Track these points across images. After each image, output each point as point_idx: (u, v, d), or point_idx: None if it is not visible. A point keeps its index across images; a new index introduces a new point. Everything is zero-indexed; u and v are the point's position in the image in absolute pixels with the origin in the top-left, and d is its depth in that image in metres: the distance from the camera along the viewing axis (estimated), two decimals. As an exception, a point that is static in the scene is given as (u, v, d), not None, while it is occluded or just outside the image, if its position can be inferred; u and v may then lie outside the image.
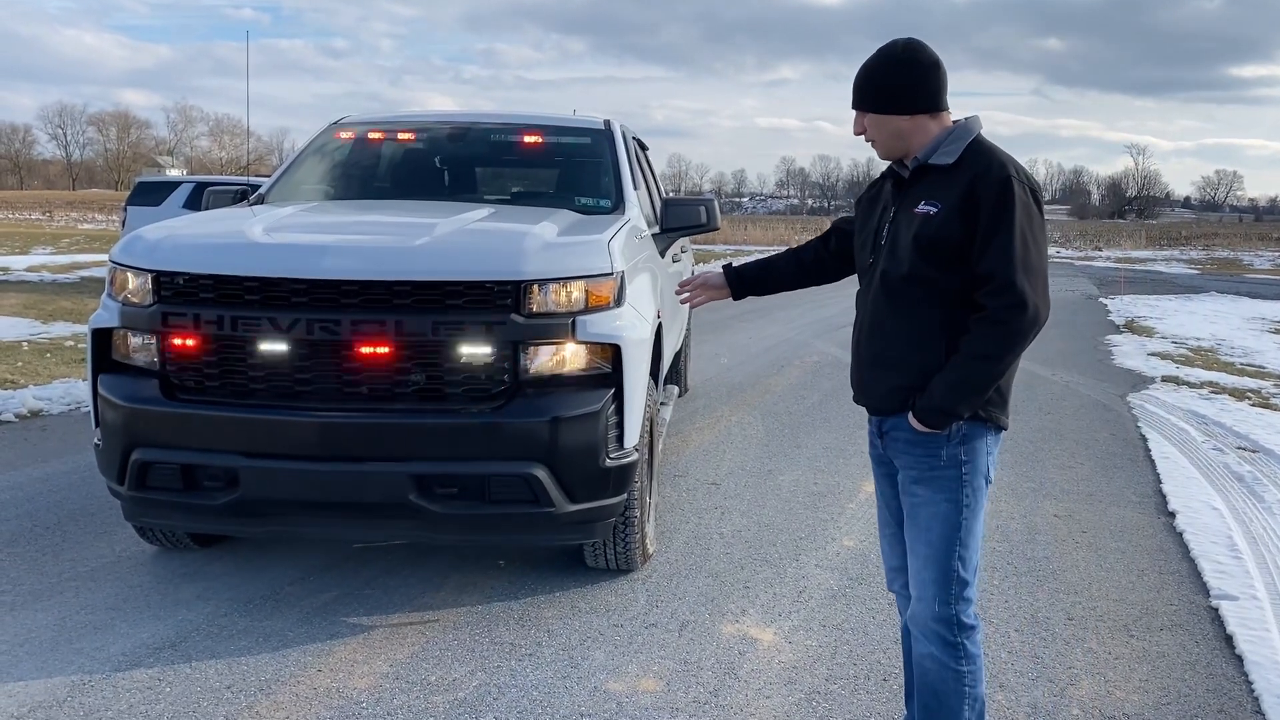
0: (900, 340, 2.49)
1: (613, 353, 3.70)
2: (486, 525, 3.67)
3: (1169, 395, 8.71)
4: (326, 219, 4.40)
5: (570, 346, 3.65)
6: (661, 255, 5.31)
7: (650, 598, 4.00)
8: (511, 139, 5.70)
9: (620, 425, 3.73)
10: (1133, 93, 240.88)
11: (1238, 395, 8.76)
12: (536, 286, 3.59)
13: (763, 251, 34.36)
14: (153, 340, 3.65)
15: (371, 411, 3.54)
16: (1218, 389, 9.06)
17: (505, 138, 5.71)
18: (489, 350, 3.55)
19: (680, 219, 5.22)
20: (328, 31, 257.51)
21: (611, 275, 3.79)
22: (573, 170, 5.66)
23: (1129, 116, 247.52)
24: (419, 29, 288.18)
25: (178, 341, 3.61)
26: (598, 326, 3.67)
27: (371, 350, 3.51)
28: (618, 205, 4.96)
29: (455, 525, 3.63)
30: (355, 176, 5.50)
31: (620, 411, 3.72)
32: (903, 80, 2.47)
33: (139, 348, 3.71)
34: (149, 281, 3.66)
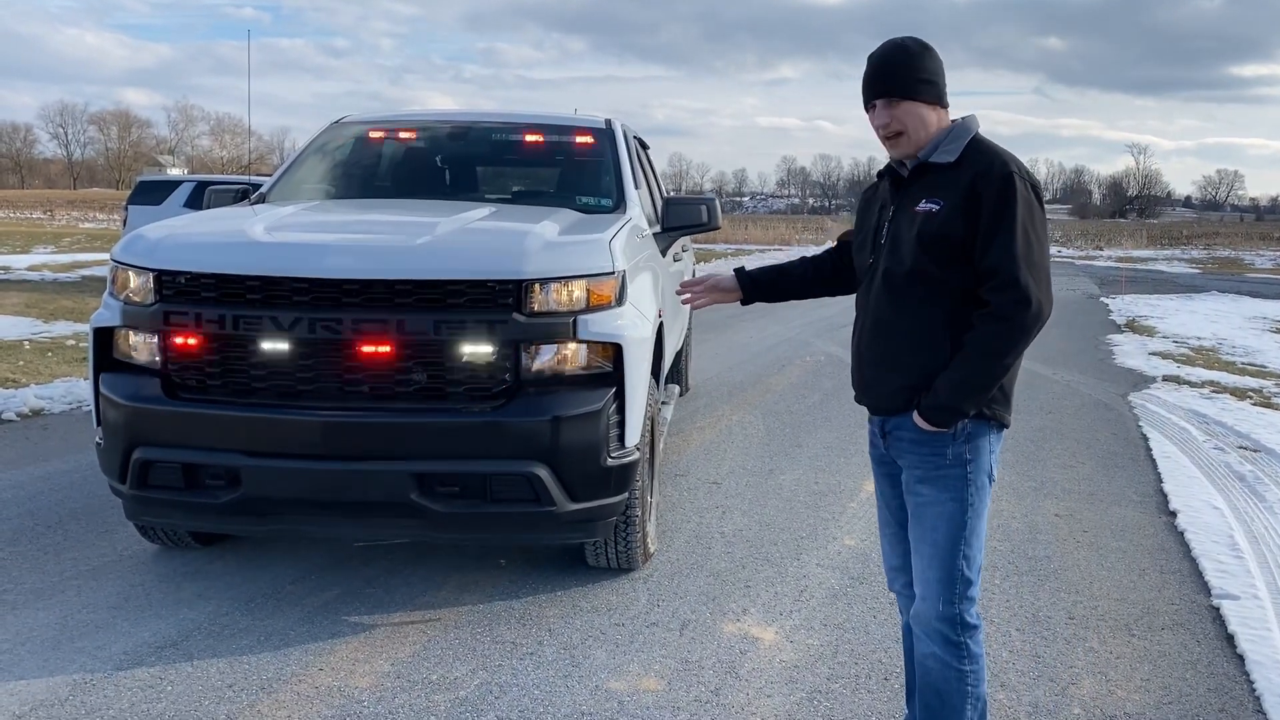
0: (903, 339, 2.48)
1: (614, 352, 3.70)
2: (488, 524, 3.68)
3: (1170, 395, 8.70)
4: (328, 218, 4.40)
5: (571, 346, 3.65)
6: (663, 254, 5.31)
7: (651, 597, 4.00)
8: (512, 138, 5.70)
9: (621, 424, 3.73)
10: (1133, 92, 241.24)
11: (1239, 395, 8.75)
12: (538, 285, 3.59)
13: (763, 250, 34.39)
14: (154, 339, 3.66)
15: (373, 410, 3.54)
16: (1219, 388, 9.05)
17: (506, 137, 5.71)
18: (490, 349, 3.55)
19: (681, 218, 5.21)
20: (328, 31, 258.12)
21: (613, 274, 3.79)
22: (574, 169, 5.65)
23: (1130, 116, 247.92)
24: (419, 28, 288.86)
25: (179, 340, 3.61)
26: (599, 326, 3.68)
27: (373, 349, 3.51)
28: (619, 204, 4.96)
29: (457, 524, 3.64)
30: (356, 176, 5.49)
31: (621, 410, 3.72)
32: (933, 69, 2.48)
33: (140, 346, 3.71)
34: (150, 280, 3.66)
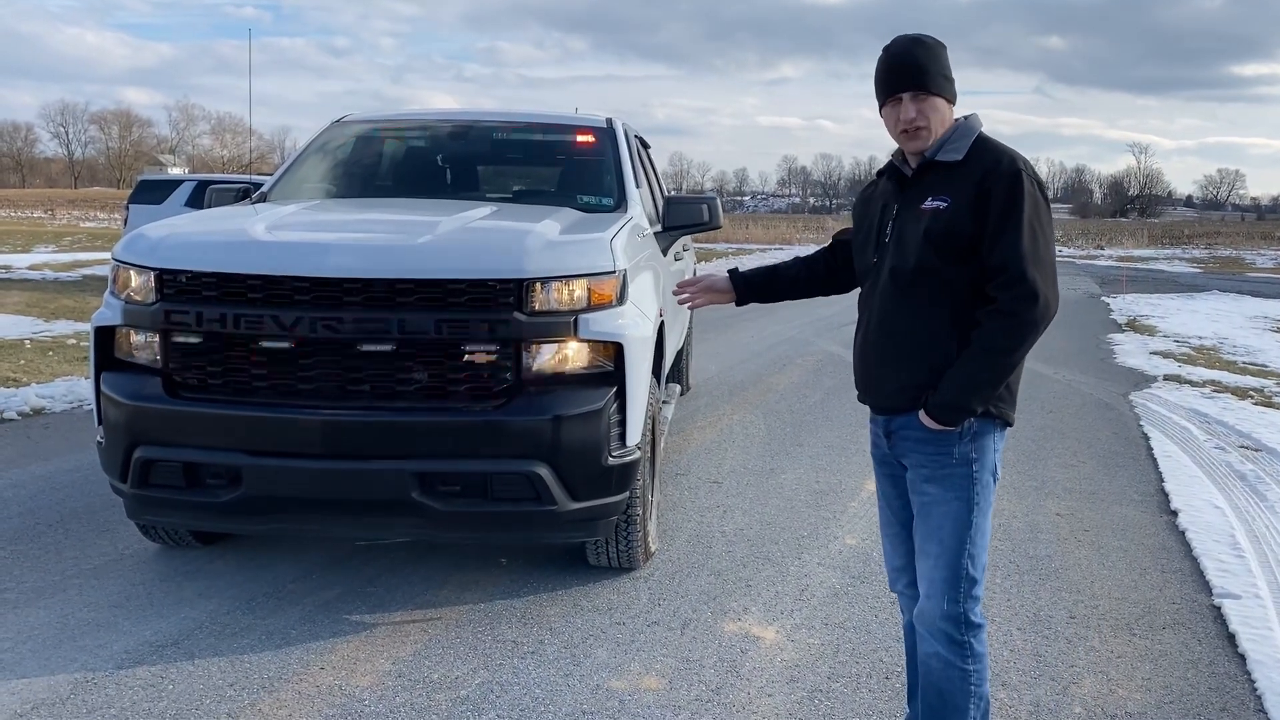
0: (910, 337, 2.48)
1: (615, 351, 3.70)
2: (489, 523, 3.68)
3: (1171, 394, 8.70)
4: (329, 217, 4.40)
5: (572, 345, 3.65)
6: (664, 253, 5.31)
7: (652, 596, 4.00)
8: (513, 137, 5.71)
9: (622, 423, 3.73)
10: (1135, 91, 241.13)
11: (1240, 394, 8.75)
12: (539, 285, 3.59)
13: (764, 250, 34.38)
14: (155, 338, 3.66)
15: (374, 409, 3.54)
16: (1220, 388, 9.05)
17: (507, 136, 5.71)
18: (491, 348, 3.55)
19: (682, 217, 5.22)
20: (329, 30, 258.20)
21: (614, 273, 3.79)
22: (575, 168, 5.65)
23: (1131, 115, 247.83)
24: (420, 27, 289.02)
25: (180, 339, 3.61)
26: (600, 325, 3.67)
27: (374, 348, 3.51)
28: (620, 203, 4.96)
29: (457, 523, 3.64)
30: (357, 175, 5.49)
31: (622, 410, 3.72)
32: (949, 66, 2.49)
33: (142, 345, 3.71)
34: (152, 279, 3.66)
